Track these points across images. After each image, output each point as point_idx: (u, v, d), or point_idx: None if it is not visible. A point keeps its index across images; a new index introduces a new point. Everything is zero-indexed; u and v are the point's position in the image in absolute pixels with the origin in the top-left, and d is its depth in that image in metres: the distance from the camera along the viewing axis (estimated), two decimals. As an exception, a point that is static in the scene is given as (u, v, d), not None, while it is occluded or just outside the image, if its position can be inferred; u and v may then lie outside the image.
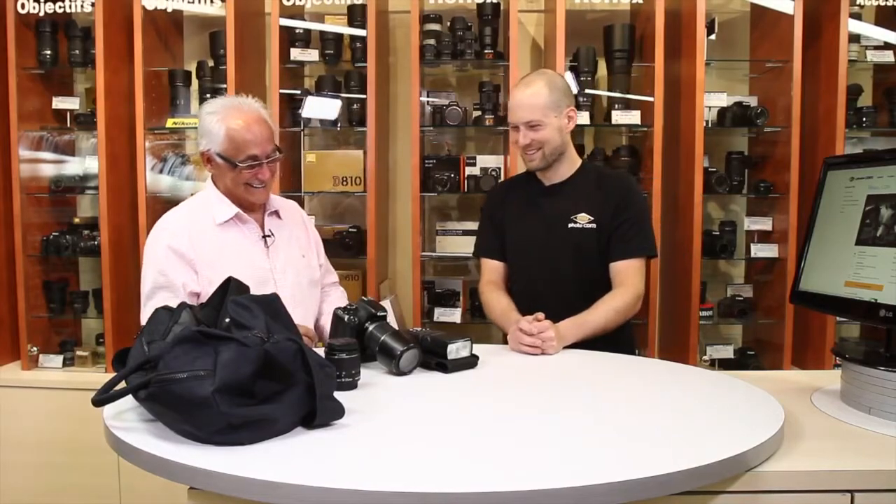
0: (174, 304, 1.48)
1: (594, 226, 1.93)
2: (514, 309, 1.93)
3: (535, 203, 2.01)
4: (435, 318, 2.86)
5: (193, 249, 1.79)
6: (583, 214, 1.94)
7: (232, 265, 1.71)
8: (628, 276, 1.90)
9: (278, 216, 1.95)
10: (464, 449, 1.07)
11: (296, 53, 2.85)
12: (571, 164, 2.00)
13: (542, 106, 1.88)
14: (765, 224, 2.86)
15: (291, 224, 1.99)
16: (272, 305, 1.22)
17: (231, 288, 1.31)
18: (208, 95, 2.90)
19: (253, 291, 1.69)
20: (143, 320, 1.64)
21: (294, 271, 1.92)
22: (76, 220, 3.05)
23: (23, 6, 2.80)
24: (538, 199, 2.01)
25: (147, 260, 1.83)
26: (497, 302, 1.99)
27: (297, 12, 2.89)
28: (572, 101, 1.97)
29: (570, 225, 1.95)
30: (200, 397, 1.01)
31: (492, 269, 2.09)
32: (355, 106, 2.89)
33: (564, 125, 1.93)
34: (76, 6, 2.81)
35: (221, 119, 1.78)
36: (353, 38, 2.87)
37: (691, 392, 1.42)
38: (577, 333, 1.77)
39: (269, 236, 1.89)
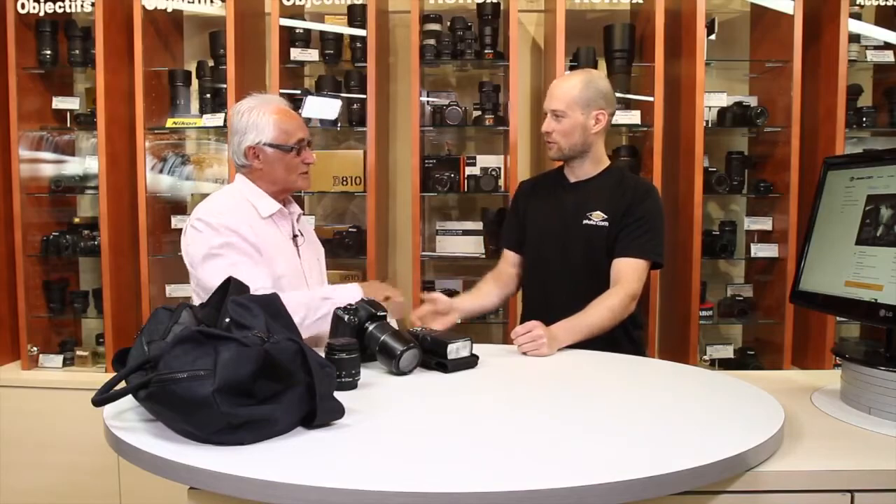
0: (250, 254, 1.69)
1: (606, 224, 1.96)
2: (478, 298, 2.10)
3: (557, 198, 2.06)
4: (435, 318, 2.86)
5: (254, 235, 1.78)
6: (598, 212, 1.97)
7: (276, 257, 1.79)
8: (625, 274, 1.90)
9: (297, 221, 2.01)
10: (464, 449, 1.07)
11: (296, 53, 2.85)
12: (597, 164, 2.03)
13: (570, 99, 1.93)
14: (765, 224, 2.86)
15: (307, 230, 2.05)
16: (272, 305, 1.22)
17: (231, 288, 1.31)
18: (208, 95, 2.91)
19: (290, 285, 1.77)
20: (208, 278, 1.65)
21: (317, 271, 2.00)
22: (76, 220, 3.06)
23: (23, 6, 2.80)
24: (560, 194, 2.06)
25: (203, 230, 1.75)
26: (477, 287, 2.15)
27: (297, 12, 2.89)
28: (609, 105, 1.98)
29: (585, 221, 1.98)
30: (200, 397, 1.01)
31: (502, 259, 2.18)
32: (355, 106, 2.89)
33: (590, 125, 1.95)
34: (76, 6, 2.81)
35: (263, 112, 1.84)
36: (353, 38, 2.87)
37: (691, 392, 1.43)
38: (571, 335, 1.77)
39: (298, 236, 1.94)
